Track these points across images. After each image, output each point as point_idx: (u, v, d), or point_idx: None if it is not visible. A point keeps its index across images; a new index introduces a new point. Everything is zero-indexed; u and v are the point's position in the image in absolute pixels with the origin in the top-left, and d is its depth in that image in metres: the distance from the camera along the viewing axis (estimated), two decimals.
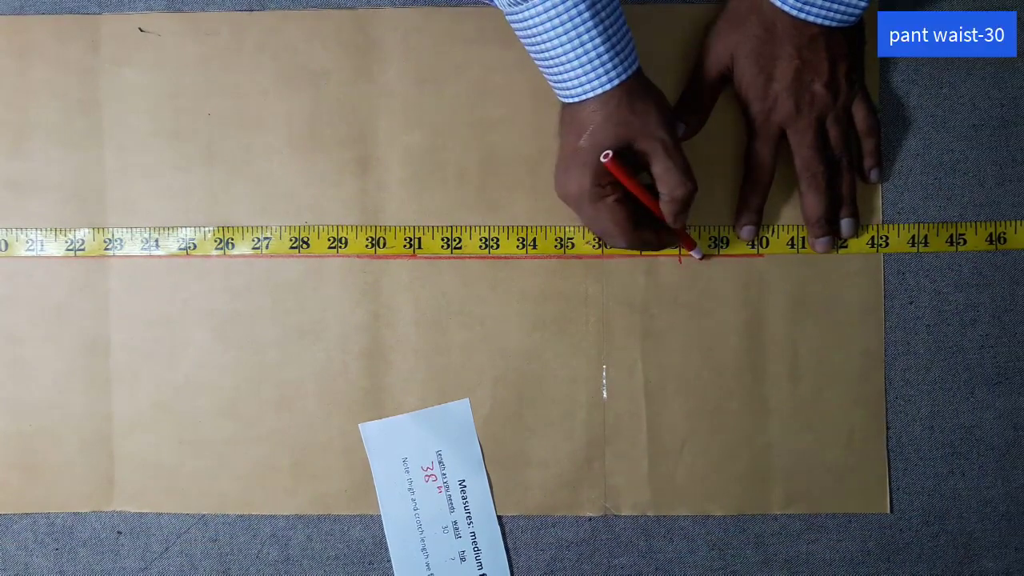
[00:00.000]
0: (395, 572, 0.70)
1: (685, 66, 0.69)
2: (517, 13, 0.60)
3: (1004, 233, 0.70)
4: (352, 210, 0.70)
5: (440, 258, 0.70)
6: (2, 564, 0.70)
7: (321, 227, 0.70)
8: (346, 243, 0.70)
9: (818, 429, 0.69)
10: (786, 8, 0.64)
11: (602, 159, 0.61)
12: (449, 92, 0.70)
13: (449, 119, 0.70)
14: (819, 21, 0.64)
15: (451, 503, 0.70)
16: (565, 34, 0.59)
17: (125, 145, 0.70)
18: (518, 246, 0.70)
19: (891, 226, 0.70)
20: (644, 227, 0.65)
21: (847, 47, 0.66)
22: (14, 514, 0.70)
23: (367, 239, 0.70)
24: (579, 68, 0.60)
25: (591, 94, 0.61)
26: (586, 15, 0.58)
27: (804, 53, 0.64)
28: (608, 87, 0.61)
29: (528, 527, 0.70)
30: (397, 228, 0.70)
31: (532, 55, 0.62)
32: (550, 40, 0.60)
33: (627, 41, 0.61)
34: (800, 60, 0.65)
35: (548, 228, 0.70)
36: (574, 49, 0.60)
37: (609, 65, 0.60)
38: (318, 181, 0.70)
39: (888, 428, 0.70)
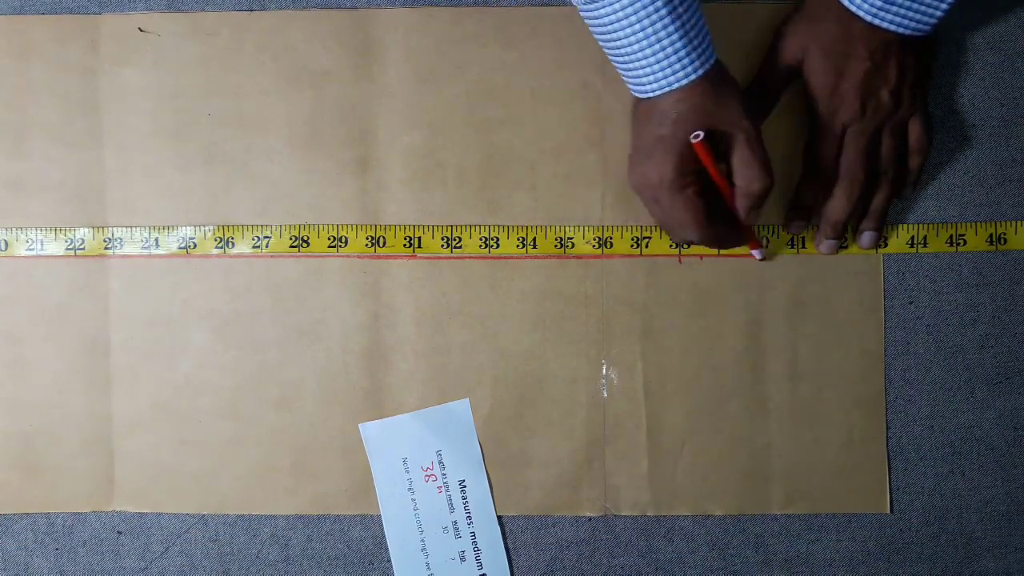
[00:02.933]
0: (395, 572, 0.69)
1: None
2: (592, 10, 0.59)
3: (1004, 233, 0.69)
4: (352, 210, 0.70)
5: (440, 258, 0.70)
6: (2, 564, 0.70)
7: (321, 226, 0.70)
8: (346, 242, 0.70)
9: (818, 429, 0.69)
10: (860, 14, 0.63)
11: (692, 139, 0.60)
12: (449, 92, 0.70)
13: (449, 119, 0.70)
14: (892, 28, 0.63)
15: (451, 503, 0.69)
16: (642, 30, 0.58)
17: (125, 145, 0.70)
18: (518, 246, 0.70)
19: (891, 226, 0.70)
20: (717, 222, 0.64)
21: (916, 61, 0.65)
22: (14, 514, 0.70)
23: (367, 238, 0.70)
24: (656, 64, 0.59)
25: (667, 89, 0.60)
26: (663, 11, 0.58)
27: (876, 57, 0.64)
28: (685, 82, 0.60)
29: (528, 527, 0.70)
30: (397, 227, 0.70)
31: (606, 50, 0.62)
32: (626, 36, 0.59)
33: (704, 34, 0.60)
34: (871, 63, 0.64)
35: (548, 228, 0.70)
36: (651, 45, 0.59)
37: (686, 60, 0.59)
38: (318, 181, 0.70)
39: (888, 428, 0.70)
